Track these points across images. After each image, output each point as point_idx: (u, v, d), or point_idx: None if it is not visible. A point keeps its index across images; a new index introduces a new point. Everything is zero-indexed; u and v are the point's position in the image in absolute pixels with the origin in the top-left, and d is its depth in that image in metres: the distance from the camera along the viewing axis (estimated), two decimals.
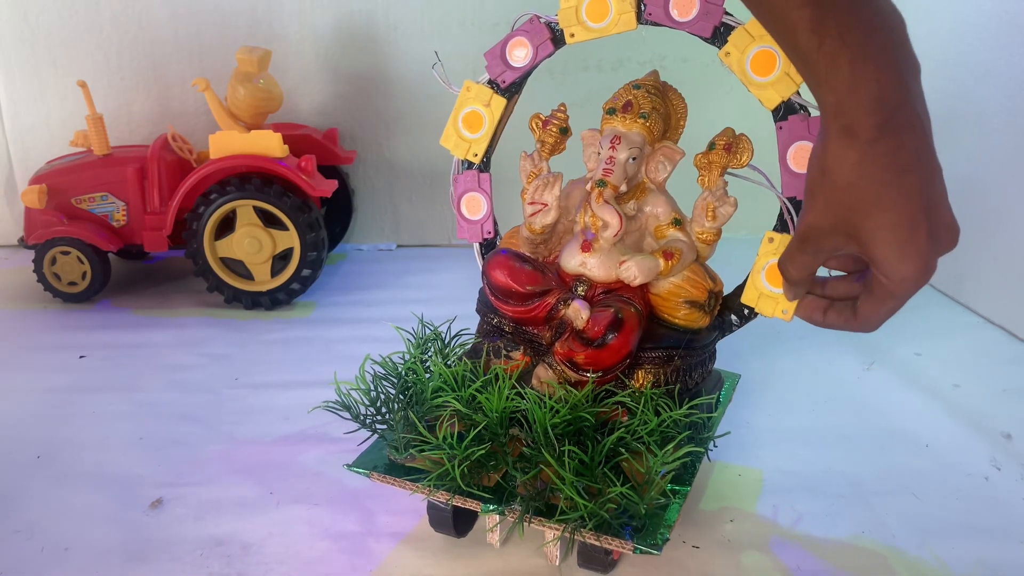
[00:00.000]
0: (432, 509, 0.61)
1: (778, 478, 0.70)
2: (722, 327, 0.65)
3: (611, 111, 0.61)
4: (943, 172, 0.47)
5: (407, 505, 0.66)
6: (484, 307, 0.64)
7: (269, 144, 1.02)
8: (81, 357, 0.94)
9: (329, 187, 1.06)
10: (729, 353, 0.72)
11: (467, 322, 0.70)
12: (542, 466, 0.54)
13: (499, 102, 0.67)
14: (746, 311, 0.64)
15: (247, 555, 0.61)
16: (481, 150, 0.68)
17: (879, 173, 0.46)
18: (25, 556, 0.61)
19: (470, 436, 0.55)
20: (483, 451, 0.54)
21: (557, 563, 0.59)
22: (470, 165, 0.69)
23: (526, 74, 0.66)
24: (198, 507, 0.67)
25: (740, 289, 0.64)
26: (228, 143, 1.03)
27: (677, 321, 0.61)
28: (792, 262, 0.54)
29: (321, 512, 0.66)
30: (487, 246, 0.72)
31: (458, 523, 0.61)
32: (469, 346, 0.66)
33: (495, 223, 0.71)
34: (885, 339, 0.95)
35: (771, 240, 0.61)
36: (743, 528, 0.64)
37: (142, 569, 0.60)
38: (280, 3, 1.21)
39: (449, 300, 1.07)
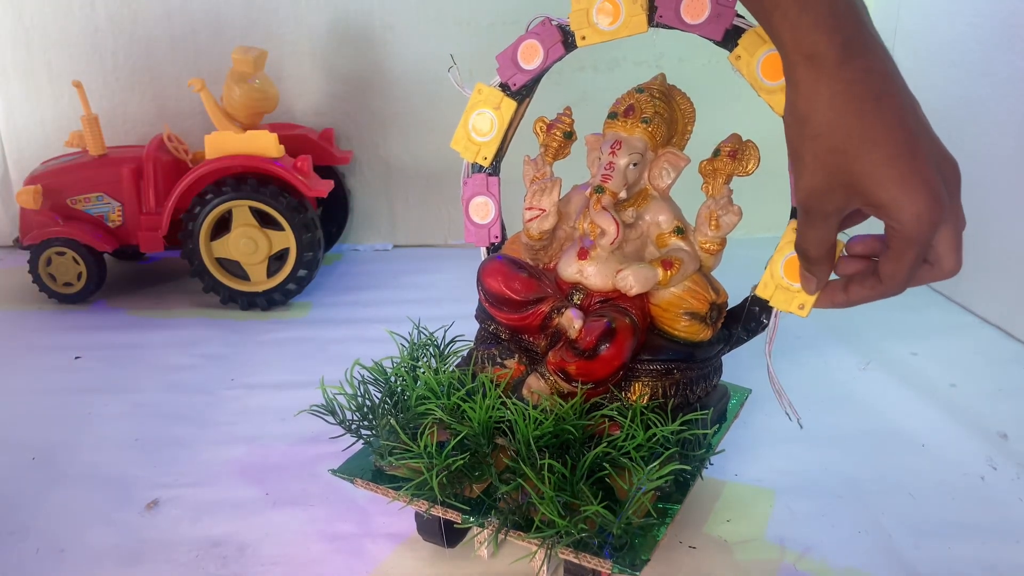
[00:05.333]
0: (420, 518, 0.61)
1: (774, 478, 0.70)
2: (729, 340, 0.63)
3: (612, 115, 0.60)
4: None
5: (404, 507, 0.65)
6: (482, 314, 0.64)
7: (265, 144, 1.02)
8: (76, 358, 0.93)
9: (325, 187, 1.06)
10: (727, 359, 0.71)
11: (464, 323, 0.69)
12: (520, 480, 0.52)
13: (509, 105, 0.66)
14: (752, 324, 0.63)
15: (243, 556, 0.61)
16: (490, 153, 0.67)
17: (856, 103, 0.43)
18: (20, 558, 0.61)
19: (450, 445, 0.54)
20: (462, 461, 0.53)
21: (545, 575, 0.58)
22: (480, 168, 0.69)
23: (537, 77, 0.66)
24: (194, 508, 0.67)
25: (747, 300, 0.63)
26: (224, 143, 1.03)
27: (677, 333, 0.59)
28: (806, 240, 0.50)
29: (317, 513, 0.66)
30: (494, 251, 0.71)
31: (449, 534, 0.61)
32: (465, 353, 0.65)
33: (503, 228, 0.70)
34: (881, 339, 0.95)
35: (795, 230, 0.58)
36: (739, 528, 0.64)
37: (137, 571, 0.60)
38: (276, 3, 1.21)
39: (446, 300, 1.07)
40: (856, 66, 0.43)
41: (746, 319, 0.63)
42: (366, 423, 0.60)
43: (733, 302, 0.63)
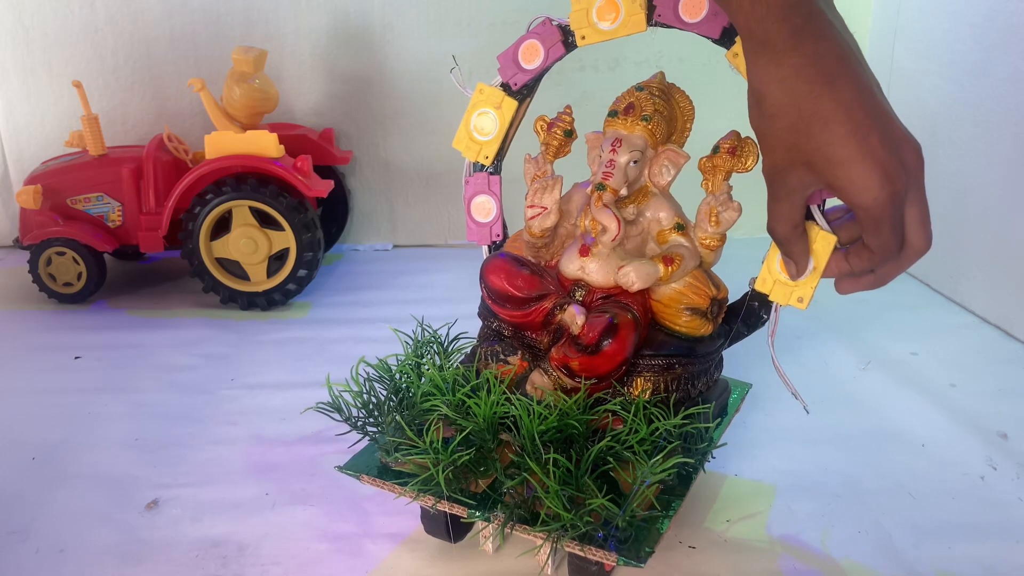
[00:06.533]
0: (426, 514, 0.61)
1: (774, 478, 0.70)
2: (729, 335, 0.64)
3: (613, 113, 0.60)
4: (932, 193, 0.45)
5: (404, 506, 0.66)
6: (485, 311, 0.64)
7: (265, 144, 1.02)
8: (76, 358, 0.93)
9: (325, 187, 1.06)
10: (728, 354, 0.71)
11: (465, 323, 0.69)
12: (525, 474, 0.53)
13: (510, 104, 0.66)
14: (752, 319, 0.63)
15: (243, 556, 0.61)
16: (492, 152, 0.68)
17: (807, 85, 0.45)
18: (20, 558, 0.61)
19: (456, 441, 0.55)
20: (468, 456, 0.54)
21: (548, 572, 0.58)
22: (481, 167, 0.69)
23: (538, 77, 0.66)
24: (194, 508, 0.67)
25: (747, 295, 0.63)
26: (224, 143, 1.03)
27: (679, 328, 0.59)
28: (772, 217, 0.52)
29: (317, 513, 0.66)
30: (496, 249, 0.71)
31: (453, 528, 0.61)
32: (468, 350, 0.65)
33: (505, 226, 0.70)
34: (881, 339, 0.95)
35: None
36: (739, 528, 0.64)
37: (138, 571, 0.60)
38: (276, 3, 1.21)
39: (446, 300, 1.07)
40: (806, 51, 0.45)
41: (746, 314, 0.63)
42: (371, 420, 0.60)
43: (733, 298, 0.63)
